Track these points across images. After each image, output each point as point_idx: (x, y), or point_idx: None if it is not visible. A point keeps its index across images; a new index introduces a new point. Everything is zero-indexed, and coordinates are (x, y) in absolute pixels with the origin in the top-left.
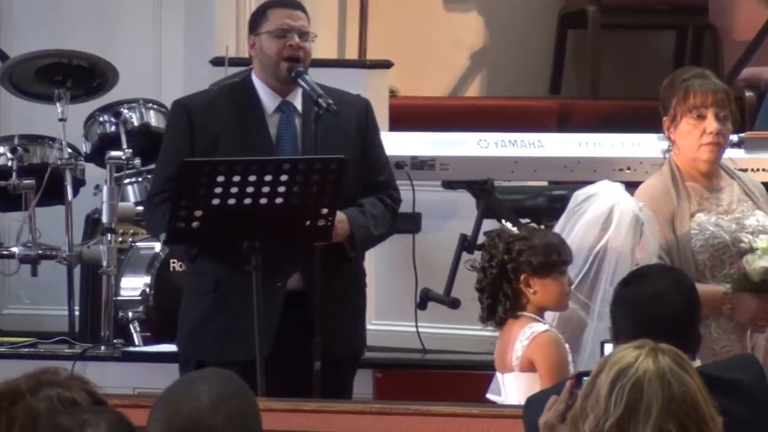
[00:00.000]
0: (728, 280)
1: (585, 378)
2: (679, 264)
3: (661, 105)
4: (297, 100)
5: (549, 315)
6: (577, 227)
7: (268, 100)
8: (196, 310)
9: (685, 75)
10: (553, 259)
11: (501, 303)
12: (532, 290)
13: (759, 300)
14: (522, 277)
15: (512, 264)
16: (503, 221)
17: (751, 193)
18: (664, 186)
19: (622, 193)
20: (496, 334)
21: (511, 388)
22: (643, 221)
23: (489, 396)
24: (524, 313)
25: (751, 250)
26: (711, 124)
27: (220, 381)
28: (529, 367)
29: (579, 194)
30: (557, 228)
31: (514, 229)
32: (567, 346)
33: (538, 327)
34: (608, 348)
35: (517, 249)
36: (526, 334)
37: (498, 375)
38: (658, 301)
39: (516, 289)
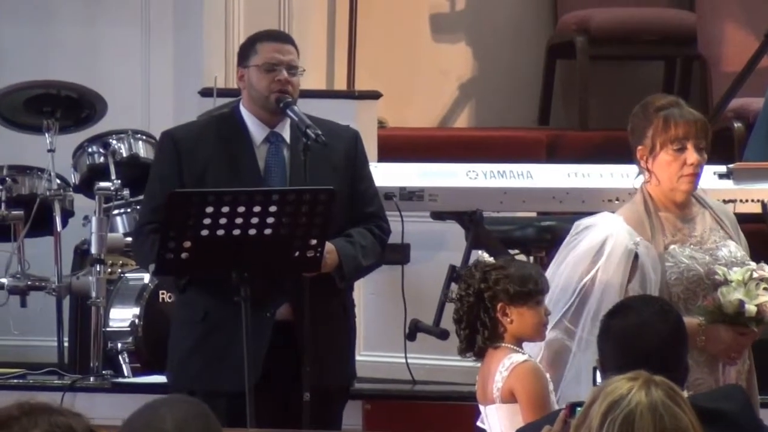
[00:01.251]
0: (701, 312)
1: (578, 408)
2: None
3: (631, 134)
4: (285, 131)
5: (536, 346)
6: (569, 258)
7: (257, 131)
8: (185, 341)
9: (660, 103)
10: (530, 288)
11: (479, 333)
12: (508, 319)
13: (733, 332)
14: (499, 305)
15: (489, 292)
16: (481, 252)
17: (721, 222)
18: (637, 217)
19: (618, 226)
20: None
21: (494, 420)
22: (637, 254)
23: (480, 425)
24: (503, 343)
25: (726, 282)
26: (692, 155)
27: (183, 406)
28: (510, 398)
29: (579, 224)
30: (555, 257)
31: (491, 260)
32: (548, 375)
33: (517, 357)
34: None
35: (494, 278)
36: (506, 365)
37: (480, 407)
38: (643, 332)
39: (493, 318)
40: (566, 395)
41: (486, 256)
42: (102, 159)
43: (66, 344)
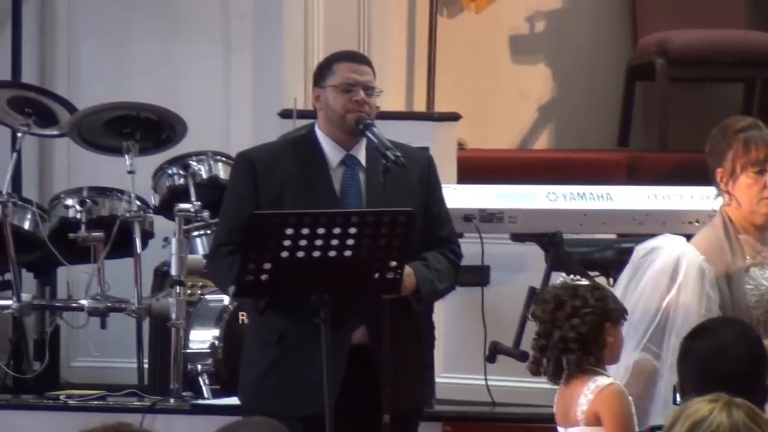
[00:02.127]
0: None
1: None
2: None
3: (710, 156)
4: (361, 154)
5: (620, 367)
6: (644, 279)
7: (332, 153)
8: (259, 362)
9: (739, 125)
10: (621, 307)
11: (592, 354)
12: (611, 339)
13: None
14: (606, 325)
15: (602, 312)
16: (564, 275)
17: None
18: (717, 239)
19: (686, 245)
20: None
21: None
22: (705, 273)
23: None
24: (590, 366)
25: None
26: None
27: (264, 428)
28: (594, 420)
29: (641, 248)
30: (620, 281)
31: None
32: (630, 398)
33: (603, 380)
34: None
35: (599, 296)
36: (590, 388)
37: (560, 429)
38: (722, 355)
39: (603, 338)
40: (657, 420)
41: (570, 279)
42: (182, 181)
43: (146, 366)
